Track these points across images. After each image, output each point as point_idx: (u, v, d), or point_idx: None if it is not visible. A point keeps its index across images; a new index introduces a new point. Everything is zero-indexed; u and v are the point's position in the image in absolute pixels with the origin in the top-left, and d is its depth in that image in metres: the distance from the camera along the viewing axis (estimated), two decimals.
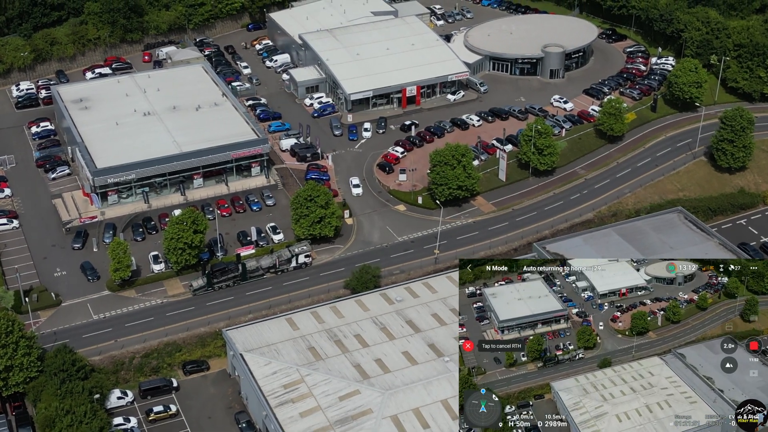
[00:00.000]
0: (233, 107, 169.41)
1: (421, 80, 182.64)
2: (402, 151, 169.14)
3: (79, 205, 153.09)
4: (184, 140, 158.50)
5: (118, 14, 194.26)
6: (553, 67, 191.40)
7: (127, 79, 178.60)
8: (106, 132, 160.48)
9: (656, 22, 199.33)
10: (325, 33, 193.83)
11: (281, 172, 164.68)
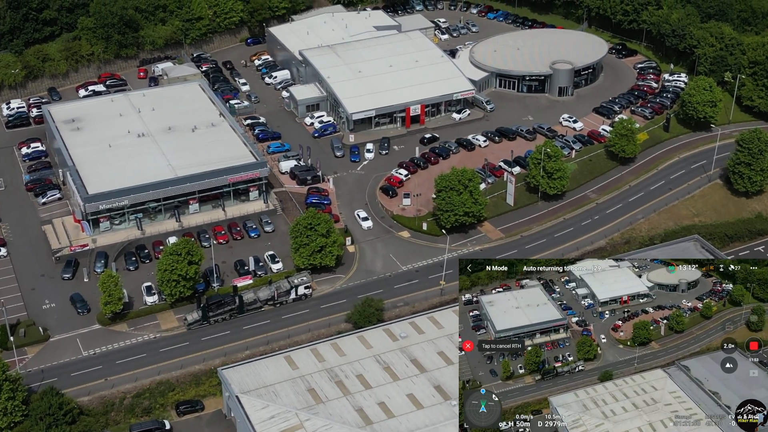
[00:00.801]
0: (231, 128, 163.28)
1: (426, 99, 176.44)
2: (406, 174, 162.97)
3: (69, 232, 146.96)
4: (179, 164, 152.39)
5: (113, 29, 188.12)
6: (561, 85, 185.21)
7: (121, 97, 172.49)
8: (99, 155, 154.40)
9: (668, 38, 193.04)
10: (326, 49, 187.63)
11: (280, 196, 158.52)
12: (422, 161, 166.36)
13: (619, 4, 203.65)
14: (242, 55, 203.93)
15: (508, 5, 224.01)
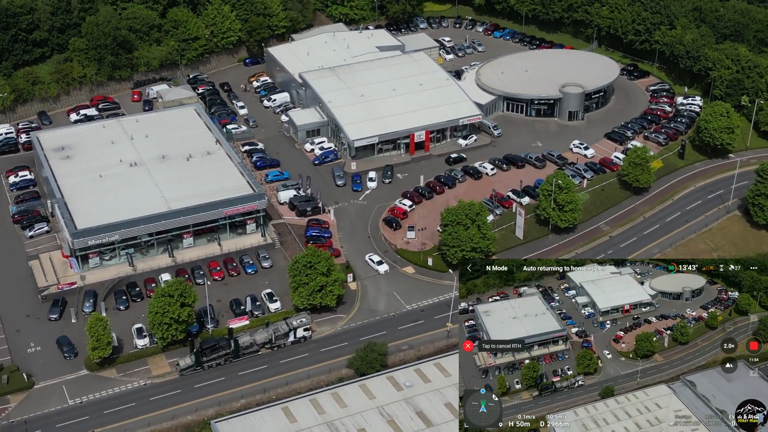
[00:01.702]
0: (227, 156, 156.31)
1: (430, 125, 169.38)
2: (410, 204, 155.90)
3: (57, 269, 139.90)
4: (173, 195, 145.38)
5: (106, 51, 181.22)
6: (572, 109, 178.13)
7: (113, 123, 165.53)
8: (89, 186, 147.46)
9: (682, 60, 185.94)
10: (327, 71, 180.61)
11: (279, 229, 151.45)
12: (427, 191, 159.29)
13: (630, 24, 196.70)
14: (240, 76, 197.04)
15: (514, 23, 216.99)
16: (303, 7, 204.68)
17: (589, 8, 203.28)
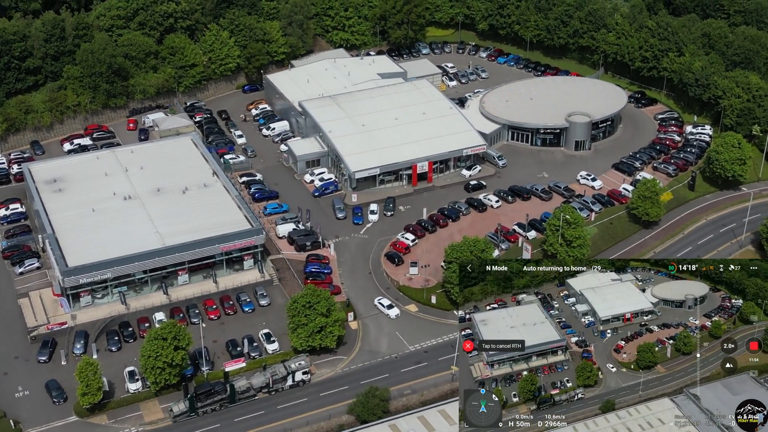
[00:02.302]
0: (224, 189, 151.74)
1: (434, 155, 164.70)
2: (413, 239, 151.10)
3: (47, 308, 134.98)
4: (168, 231, 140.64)
5: (101, 78, 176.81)
6: (578, 138, 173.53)
7: (107, 154, 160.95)
8: (81, 220, 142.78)
9: (691, 87, 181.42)
10: (328, 100, 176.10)
11: (277, 264, 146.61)
12: (430, 224, 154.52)
13: (637, 51, 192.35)
14: (239, 103, 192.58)
15: (519, 49, 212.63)
16: (303, 33, 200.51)
17: (595, 34, 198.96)
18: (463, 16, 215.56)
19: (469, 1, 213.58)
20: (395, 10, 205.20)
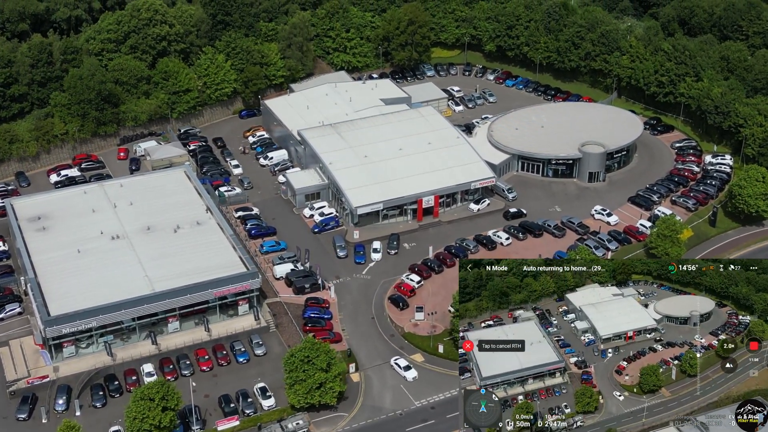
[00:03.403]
0: (218, 227, 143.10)
1: (440, 189, 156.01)
2: (418, 280, 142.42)
3: (28, 359, 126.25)
4: (157, 274, 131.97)
5: (90, 106, 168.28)
6: (592, 170, 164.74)
7: (95, 189, 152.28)
8: (66, 263, 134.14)
9: (710, 115, 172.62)
10: (328, 128, 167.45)
11: (274, 309, 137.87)
12: (436, 264, 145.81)
13: (652, 75, 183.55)
14: (235, 130, 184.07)
15: (528, 71, 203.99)
16: (303, 56, 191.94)
17: (608, 57, 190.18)
18: (469, 36, 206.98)
19: (476, 22, 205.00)
20: (399, 31, 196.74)
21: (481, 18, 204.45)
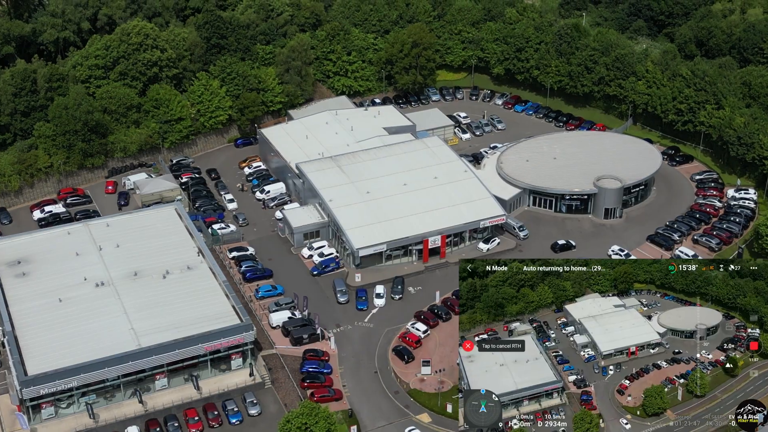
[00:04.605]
0: (210, 272, 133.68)
1: (447, 228, 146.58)
2: (425, 330, 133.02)
3: (4, 421, 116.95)
4: (144, 327, 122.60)
5: (76, 137, 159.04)
6: (608, 206, 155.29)
7: (80, 229, 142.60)
8: (46, 313, 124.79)
9: (733, 146, 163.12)
10: (328, 161, 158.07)
11: (270, 362, 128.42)
12: (444, 311, 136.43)
13: (670, 102, 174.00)
14: (231, 159, 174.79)
15: (538, 95, 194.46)
16: (302, 80, 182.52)
17: (623, 82, 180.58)
18: (476, 59, 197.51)
19: (484, 43, 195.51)
20: (402, 54, 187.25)
21: (489, 39, 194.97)
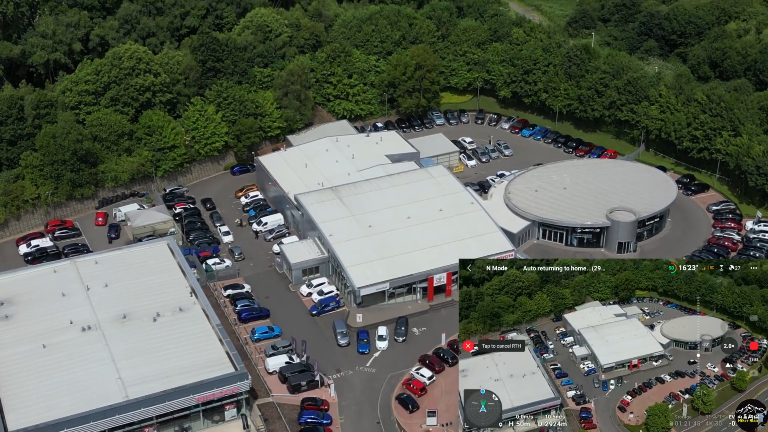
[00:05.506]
0: (203, 314, 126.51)
1: (453, 264, 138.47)
2: (430, 375, 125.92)
3: None
4: (132, 376, 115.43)
5: (64, 167, 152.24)
6: (622, 239, 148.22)
7: (67, 267, 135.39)
8: (29, 361, 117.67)
9: (751, 176, 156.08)
10: (328, 192, 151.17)
11: (266, 411, 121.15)
12: (450, 355, 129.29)
13: (685, 128, 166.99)
14: (226, 188, 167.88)
15: (546, 119, 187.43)
16: (301, 104, 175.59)
17: (635, 107, 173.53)
18: (482, 81, 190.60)
19: (490, 65, 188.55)
20: (406, 76, 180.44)
21: (495, 61, 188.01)
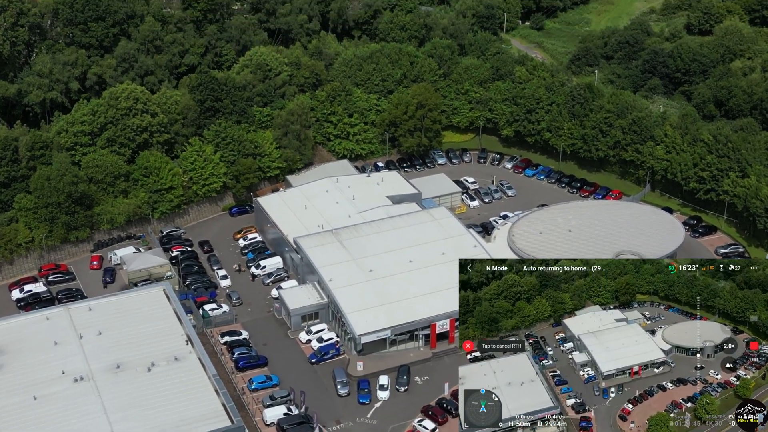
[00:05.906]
0: (199, 363, 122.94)
1: (456, 311, 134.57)
2: (433, 428, 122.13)
3: None
4: (125, 430, 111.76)
5: (59, 209, 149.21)
6: None
7: (60, 314, 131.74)
8: (19, 414, 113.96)
9: (760, 218, 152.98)
10: (328, 236, 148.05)
11: None
12: (454, 406, 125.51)
13: (691, 169, 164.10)
14: (224, 230, 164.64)
15: (549, 159, 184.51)
16: (301, 144, 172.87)
17: (640, 147, 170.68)
18: (484, 120, 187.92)
19: (492, 104, 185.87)
20: (407, 115, 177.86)
21: (498, 100, 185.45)
